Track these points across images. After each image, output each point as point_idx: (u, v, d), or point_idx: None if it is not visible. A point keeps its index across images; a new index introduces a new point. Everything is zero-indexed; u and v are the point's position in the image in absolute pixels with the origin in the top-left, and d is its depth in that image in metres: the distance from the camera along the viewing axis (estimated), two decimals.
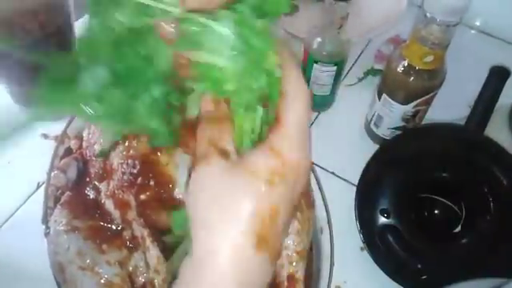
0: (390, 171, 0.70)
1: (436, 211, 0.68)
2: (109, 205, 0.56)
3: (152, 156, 0.52)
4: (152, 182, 0.51)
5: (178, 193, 0.51)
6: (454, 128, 0.70)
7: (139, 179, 0.52)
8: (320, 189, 0.65)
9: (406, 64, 0.64)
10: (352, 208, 0.69)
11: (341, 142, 0.79)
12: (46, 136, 0.78)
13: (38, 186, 0.73)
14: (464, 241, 0.65)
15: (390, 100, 0.69)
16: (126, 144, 0.53)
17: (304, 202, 0.59)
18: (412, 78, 0.64)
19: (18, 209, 0.72)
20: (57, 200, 0.61)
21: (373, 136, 0.77)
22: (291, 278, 0.56)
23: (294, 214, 0.32)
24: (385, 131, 0.74)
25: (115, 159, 0.53)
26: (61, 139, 0.67)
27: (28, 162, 0.75)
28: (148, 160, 0.51)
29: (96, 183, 0.58)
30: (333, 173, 0.76)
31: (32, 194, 0.73)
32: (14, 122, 0.79)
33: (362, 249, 0.69)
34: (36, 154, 0.75)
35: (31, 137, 0.78)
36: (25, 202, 0.72)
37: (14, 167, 0.76)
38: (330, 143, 0.79)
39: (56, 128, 0.74)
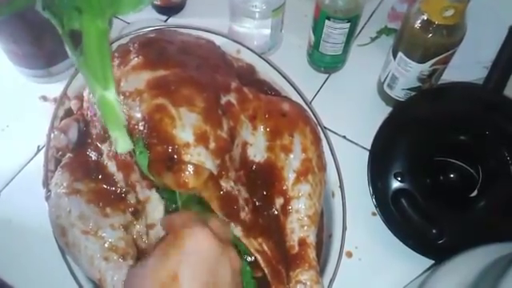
0: (404, 134, 0.66)
1: (452, 175, 0.65)
2: (111, 167, 0.54)
3: (156, 114, 0.49)
4: (155, 141, 0.48)
5: (184, 153, 0.48)
6: (472, 88, 0.67)
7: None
8: (332, 152, 0.63)
9: (424, 19, 0.60)
10: (364, 173, 0.66)
11: (352, 105, 0.76)
12: (45, 98, 0.75)
13: (38, 150, 0.71)
14: (481, 205, 0.63)
15: (405, 59, 0.65)
16: (129, 101, 0.50)
17: (315, 164, 0.57)
18: (430, 35, 0.61)
19: (18, 173, 0.69)
20: (57, 163, 0.59)
21: (386, 98, 0.74)
22: (302, 242, 0.54)
23: None
24: (399, 92, 0.71)
25: None
26: (60, 100, 0.64)
27: (27, 125, 0.73)
28: (152, 119, 0.49)
29: (98, 144, 0.55)
30: (344, 137, 0.73)
31: (32, 158, 0.70)
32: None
33: (373, 214, 0.67)
34: (35, 116, 0.72)
35: (30, 99, 0.75)
36: (25, 166, 0.70)
37: (12, 131, 0.73)
38: (340, 106, 0.75)
39: (55, 90, 0.71)
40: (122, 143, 0.44)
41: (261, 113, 0.56)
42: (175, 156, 0.48)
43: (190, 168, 0.48)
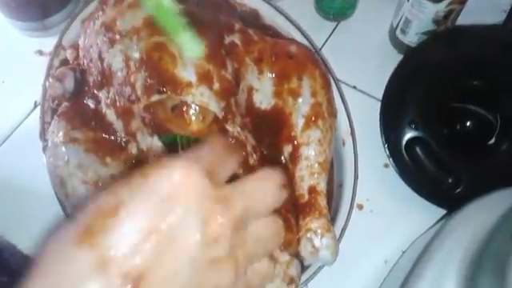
0: (417, 80, 0.63)
1: (468, 122, 0.62)
2: (110, 115, 0.51)
3: (155, 53, 0.45)
4: (155, 82, 0.45)
5: (186, 94, 0.45)
6: (490, 29, 0.63)
7: (142, 80, 0.46)
8: (342, 99, 0.59)
9: None
10: (375, 125, 0.63)
11: (363, 54, 0.72)
12: (41, 52, 0.72)
13: (36, 105, 0.68)
14: (499, 152, 0.59)
15: None
16: (125, 40, 0.47)
17: (326, 109, 0.54)
18: None
19: (15, 129, 0.67)
20: (54, 113, 0.56)
21: (398, 45, 0.70)
22: (312, 190, 0.51)
23: None
24: (412, 37, 0.67)
25: (114, 59, 0.47)
26: (55, 51, 0.61)
27: (23, 80, 0.69)
28: (151, 58, 0.45)
29: (95, 91, 0.52)
30: (354, 87, 0.70)
31: (29, 114, 0.68)
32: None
33: (385, 166, 0.64)
34: (31, 71, 0.69)
35: (26, 54, 0.72)
36: (22, 122, 0.67)
37: (8, 87, 0.70)
38: (350, 55, 0.72)
39: (51, 43, 0.67)
40: (191, 46, 0.41)
41: (267, 55, 0.53)
42: (177, 97, 0.45)
43: (194, 110, 0.45)
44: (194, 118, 0.46)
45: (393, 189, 0.62)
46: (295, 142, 0.52)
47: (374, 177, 0.63)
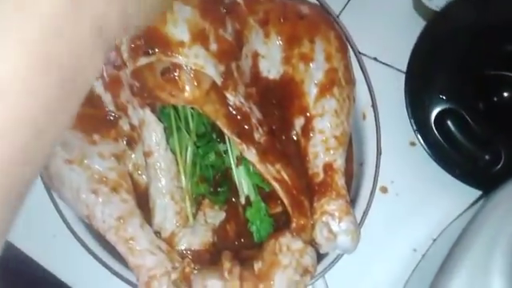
0: (446, 47, 0.56)
1: (506, 92, 0.55)
2: (97, 87, 0.46)
3: None
4: (142, 42, 0.39)
5: (178, 55, 0.39)
6: None
7: (127, 41, 0.40)
8: (361, 67, 0.53)
9: None
10: (400, 98, 0.56)
11: (384, 23, 0.65)
12: None
13: None
14: None
15: None
16: None
17: (342, 75, 0.47)
18: None
19: None
20: None
21: (424, 12, 0.63)
22: (329, 167, 0.45)
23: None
24: (439, 1, 0.60)
25: None
26: None
27: None
28: None
29: None
30: (375, 58, 0.63)
31: None
32: None
33: (412, 144, 0.57)
34: None
35: None
36: None
37: None
38: (370, 24, 0.65)
39: None
40: None
41: (274, 16, 0.47)
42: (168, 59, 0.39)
43: (187, 74, 0.39)
44: (187, 83, 0.40)
45: (421, 169, 0.56)
46: (308, 114, 0.46)
47: (400, 156, 0.57)
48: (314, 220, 0.43)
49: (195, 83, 0.40)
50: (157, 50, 0.39)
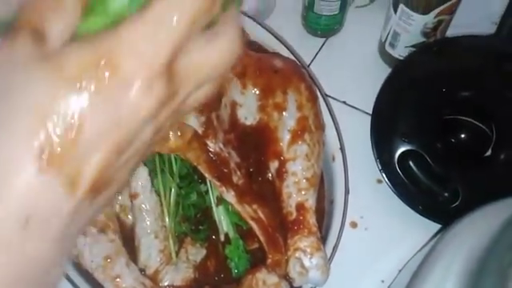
0: (408, 93, 0.61)
1: (463, 134, 0.60)
2: None
3: None
4: None
5: None
6: (481, 38, 0.61)
7: None
8: (330, 113, 0.58)
9: None
10: (367, 140, 0.61)
11: (352, 69, 0.71)
12: None
13: None
14: (496, 163, 0.57)
15: (408, 11, 0.60)
16: None
17: (312, 122, 0.52)
18: None
19: None
20: None
21: (388, 59, 0.69)
22: (300, 207, 0.49)
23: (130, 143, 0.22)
24: (402, 51, 0.65)
25: None
26: None
27: None
28: None
29: None
30: (344, 102, 0.68)
31: None
32: None
33: (379, 181, 0.62)
34: None
35: None
36: None
37: None
38: (339, 71, 0.70)
39: None
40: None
41: (251, 70, 0.51)
42: None
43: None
44: (171, 134, 0.44)
45: (388, 205, 0.59)
46: (281, 158, 0.50)
47: (368, 193, 0.61)
48: (288, 256, 0.47)
49: (178, 133, 0.44)
50: None
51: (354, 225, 0.59)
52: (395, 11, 0.62)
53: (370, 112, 0.63)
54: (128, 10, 0.21)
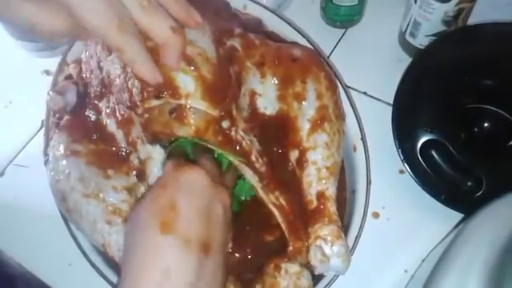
0: (429, 82, 0.61)
1: (486, 123, 0.59)
2: (111, 125, 0.50)
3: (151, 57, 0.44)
4: (151, 89, 0.44)
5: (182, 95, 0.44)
6: (503, 26, 0.60)
7: (139, 85, 0.44)
8: (350, 102, 0.57)
9: None
10: (388, 130, 0.60)
11: (372, 60, 0.70)
12: (48, 72, 0.72)
13: (42, 125, 0.67)
14: None
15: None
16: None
17: (332, 111, 0.51)
18: None
19: (22, 149, 0.66)
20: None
21: (409, 49, 0.68)
22: (321, 195, 0.49)
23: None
24: (422, 40, 0.65)
25: (112, 66, 0.46)
26: (60, 67, 0.61)
27: (30, 100, 0.69)
28: None
29: (96, 102, 0.51)
30: (365, 93, 0.68)
31: (36, 134, 0.67)
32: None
33: (401, 172, 0.61)
34: (38, 91, 0.68)
35: (32, 74, 0.72)
36: (29, 142, 0.67)
37: (16, 107, 0.70)
38: (360, 62, 0.70)
39: (57, 63, 0.68)
40: None
41: (269, 59, 0.52)
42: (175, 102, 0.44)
43: (192, 112, 0.44)
44: (193, 119, 0.44)
45: (410, 195, 0.59)
46: (301, 147, 0.50)
47: (390, 183, 0.61)
48: (309, 244, 0.47)
49: (199, 119, 0.45)
50: (166, 95, 0.43)
51: (376, 215, 0.59)
52: (415, 0, 0.61)
53: (391, 102, 0.62)
54: None
